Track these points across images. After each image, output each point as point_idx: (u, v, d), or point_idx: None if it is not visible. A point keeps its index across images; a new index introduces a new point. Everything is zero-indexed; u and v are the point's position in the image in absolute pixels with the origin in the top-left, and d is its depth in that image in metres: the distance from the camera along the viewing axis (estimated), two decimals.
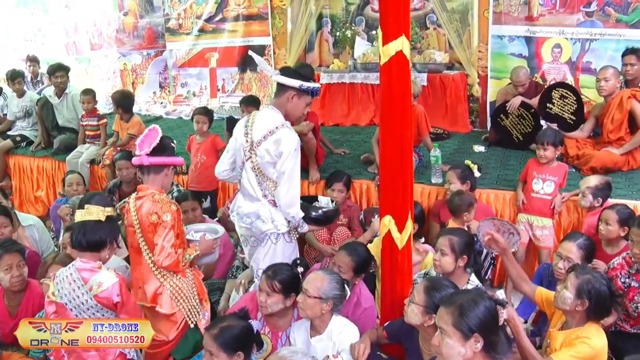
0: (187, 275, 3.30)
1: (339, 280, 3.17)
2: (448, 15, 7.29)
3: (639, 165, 5.29)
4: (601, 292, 2.81)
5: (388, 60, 2.74)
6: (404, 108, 2.79)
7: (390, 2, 2.71)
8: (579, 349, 2.79)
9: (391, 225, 2.96)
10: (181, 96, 8.92)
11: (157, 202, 3.13)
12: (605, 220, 3.83)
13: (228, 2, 8.26)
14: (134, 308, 3.09)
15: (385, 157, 2.91)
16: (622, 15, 6.56)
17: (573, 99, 5.70)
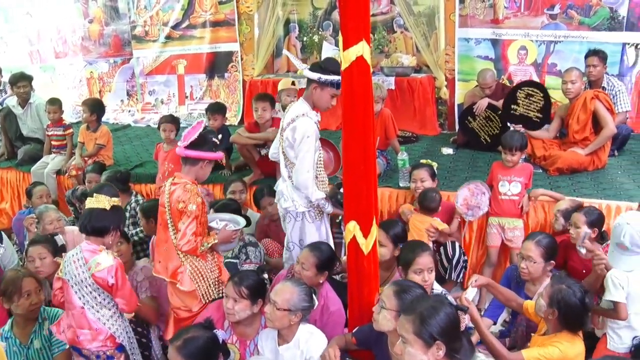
0: (208, 259, 3.54)
1: (308, 292, 3.15)
2: (415, 19, 7.37)
3: (604, 164, 5.39)
4: (571, 304, 2.83)
5: (349, 65, 2.73)
6: (366, 113, 2.79)
7: (350, 7, 2.69)
8: (548, 350, 2.84)
9: (356, 230, 2.95)
10: (149, 104, 8.83)
11: (187, 192, 3.36)
12: (575, 224, 3.87)
13: (194, 9, 8.21)
14: (130, 294, 3.29)
15: (349, 162, 2.90)
16: (584, 17, 6.69)
17: (540, 96, 5.74)
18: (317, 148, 3.84)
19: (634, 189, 4.86)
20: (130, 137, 7.88)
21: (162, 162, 5.61)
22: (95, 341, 3.24)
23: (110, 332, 3.26)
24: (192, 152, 3.41)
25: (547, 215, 4.67)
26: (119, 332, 3.30)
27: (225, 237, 3.61)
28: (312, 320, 3.35)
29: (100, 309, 3.24)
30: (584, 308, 2.84)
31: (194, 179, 3.47)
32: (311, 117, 3.79)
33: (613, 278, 3.00)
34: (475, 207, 4.60)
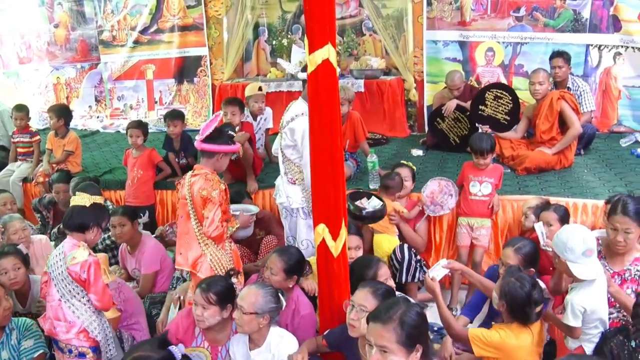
0: (226, 248, 3.67)
1: (274, 293, 3.15)
2: (383, 22, 7.42)
3: (571, 163, 5.48)
4: (515, 296, 2.87)
5: (315, 68, 2.74)
6: (333, 115, 2.80)
7: (315, 11, 2.70)
8: (489, 333, 2.91)
9: (325, 233, 2.96)
10: (118, 109, 8.73)
11: (208, 181, 3.52)
12: (547, 222, 3.94)
13: (162, 13, 8.15)
14: (103, 292, 3.28)
15: (316, 165, 2.91)
16: (549, 20, 6.83)
17: (508, 99, 5.82)
18: None
19: (599, 187, 4.95)
20: (99, 143, 7.79)
21: (131, 168, 5.56)
22: (69, 333, 3.28)
23: (83, 326, 3.28)
24: (207, 145, 3.57)
25: (515, 215, 4.74)
26: (92, 327, 3.31)
27: (244, 221, 3.99)
28: (284, 325, 3.36)
29: (75, 302, 3.29)
30: (530, 300, 2.86)
31: (213, 169, 3.64)
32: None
33: (573, 304, 2.96)
34: (439, 204, 4.65)
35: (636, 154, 5.89)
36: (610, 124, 6.79)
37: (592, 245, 2.97)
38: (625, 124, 6.74)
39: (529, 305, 2.87)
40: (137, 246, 4.58)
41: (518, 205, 4.73)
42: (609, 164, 5.65)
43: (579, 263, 2.94)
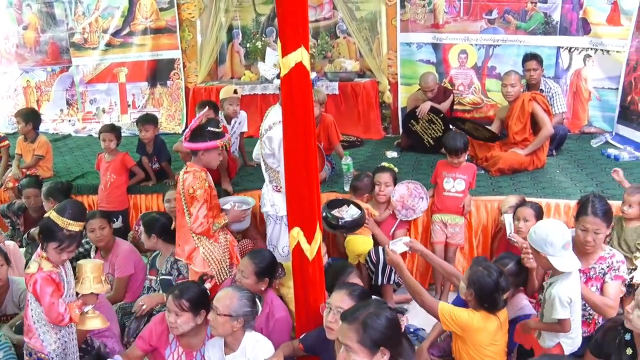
0: (220, 241, 3.84)
1: (250, 297, 3.14)
2: (357, 24, 7.45)
3: (543, 164, 5.56)
4: (484, 284, 2.95)
5: (288, 71, 2.74)
6: (307, 118, 2.80)
7: (288, 14, 2.70)
8: (458, 312, 2.98)
9: (300, 236, 2.95)
10: (90, 113, 8.62)
11: (196, 178, 3.69)
12: (524, 218, 4.00)
13: (135, 16, 8.07)
14: (49, 308, 3.04)
15: (290, 168, 2.90)
16: (520, 22, 6.93)
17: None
18: None
19: (571, 187, 5.03)
20: (71, 148, 7.69)
21: (104, 172, 5.48)
22: (26, 336, 3.20)
23: (37, 333, 3.14)
24: (189, 144, 3.76)
25: (489, 215, 4.79)
26: (44, 337, 3.14)
27: (235, 216, 4.00)
28: (258, 328, 3.35)
29: (34, 307, 3.15)
30: (497, 288, 2.95)
31: (203, 166, 3.79)
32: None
33: (560, 297, 2.99)
34: (410, 208, 4.67)
35: (606, 154, 6.01)
36: (581, 125, 6.91)
37: (569, 238, 3.06)
38: (595, 125, 6.86)
39: (497, 292, 2.96)
40: (111, 250, 4.52)
41: (492, 205, 4.79)
42: (580, 164, 5.75)
43: (559, 256, 3.00)
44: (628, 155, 5.89)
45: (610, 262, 3.34)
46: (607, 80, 6.73)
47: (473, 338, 2.96)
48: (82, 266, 3.20)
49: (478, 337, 2.95)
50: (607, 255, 3.38)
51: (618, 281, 3.32)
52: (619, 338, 2.75)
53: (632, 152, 5.98)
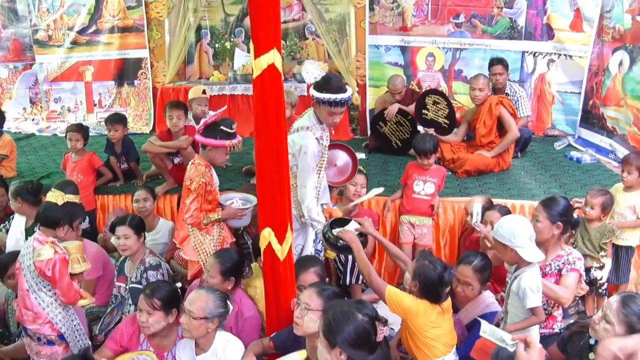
0: (212, 234, 3.96)
1: (222, 297, 3.16)
2: (326, 26, 7.49)
3: (509, 166, 5.71)
4: (428, 277, 3.02)
5: (260, 73, 2.76)
6: (279, 120, 2.83)
7: (260, 15, 2.73)
8: (403, 296, 3.04)
9: (271, 237, 2.98)
10: (55, 112, 8.47)
11: (196, 172, 3.82)
12: (491, 222, 4.10)
13: (102, 14, 7.97)
14: (67, 288, 3.29)
15: (262, 169, 2.93)
16: (487, 27, 7.07)
17: (444, 104, 6.02)
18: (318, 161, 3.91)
19: (535, 189, 5.17)
20: (35, 147, 7.55)
21: (70, 172, 5.41)
22: (34, 324, 3.32)
23: (48, 318, 3.31)
24: (200, 137, 3.87)
25: (456, 216, 4.89)
26: (57, 320, 3.33)
27: (230, 213, 4.02)
28: (228, 327, 3.37)
29: (41, 294, 3.31)
30: (441, 281, 3.02)
31: (208, 162, 3.91)
32: (314, 131, 3.84)
33: (530, 286, 3.12)
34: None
35: (569, 156, 6.18)
36: (545, 127, 7.10)
37: (532, 230, 3.20)
38: (558, 128, 7.05)
39: (440, 285, 3.02)
40: None
41: (459, 206, 4.89)
42: (544, 166, 5.90)
43: (526, 247, 3.13)
44: (589, 157, 6.08)
45: (566, 259, 3.47)
46: (570, 85, 6.93)
47: (414, 322, 3.02)
48: (67, 248, 3.42)
49: (418, 322, 3.01)
50: (564, 253, 3.50)
51: (574, 273, 3.42)
52: (584, 341, 2.83)
53: (593, 154, 6.17)
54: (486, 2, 6.98)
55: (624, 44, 6.13)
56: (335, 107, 3.77)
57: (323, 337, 2.48)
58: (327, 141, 4.02)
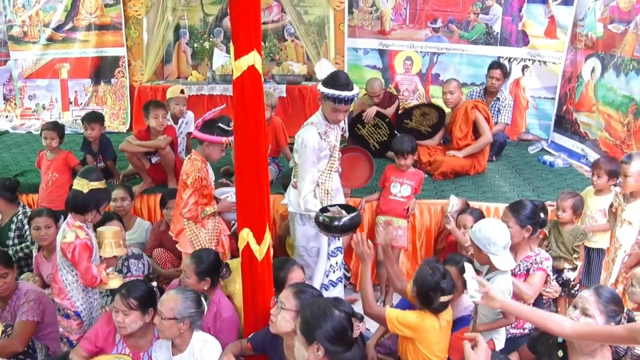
0: (207, 227, 4.01)
1: (194, 297, 3.15)
2: (305, 28, 7.52)
3: (484, 169, 5.80)
4: (425, 282, 3.05)
5: (240, 74, 2.76)
6: (258, 121, 2.83)
7: (241, 17, 2.73)
8: (405, 314, 3.08)
9: (249, 237, 2.98)
10: (30, 109, 8.36)
11: (193, 167, 3.88)
12: (464, 225, 4.19)
13: (79, 11, 7.88)
14: (85, 272, 3.48)
15: (241, 170, 2.93)
16: (463, 32, 7.17)
17: (435, 115, 6.08)
18: (320, 157, 3.98)
19: (510, 192, 5.25)
20: (9, 145, 7.44)
21: (45, 170, 5.34)
22: (58, 297, 3.59)
23: (69, 296, 3.56)
24: (197, 133, 3.95)
25: (432, 218, 4.94)
26: (76, 298, 3.59)
27: (225, 206, 4.06)
28: (206, 328, 3.36)
29: (65, 273, 3.57)
30: (436, 287, 3.03)
31: (204, 157, 3.96)
32: (318, 127, 3.90)
33: (501, 289, 3.16)
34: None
35: (542, 160, 6.29)
36: (520, 132, 7.21)
37: (509, 239, 3.26)
38: (532, 132, 7.17)
39: (433, 291, 3.03)
40: (54, 251, 4.42)
41: (435, 208, 4.95)
42: (518, 170, 6.00)
43: (500, 255, 3.20)
44: (562, 161, 6.19)
45: (534, 259, 3.55)
46: (544, 90, 7.06)
47: (424, 337, 3.03)
48: (103, 233, 3.68)
49: (428, 336, 3.03)
50: (533, 254, 3.58)
51: (540, 272, 3.50)
52: (552, 340, 2.88)
53: (565, 159, 6.30)
54: (463, 8, 7.08)
55: (596, 52, 6.27)
56: (339, 104, 3.82)
57: (301, 334, 2.51)
58: (336, 140, 4.08)
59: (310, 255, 4.16)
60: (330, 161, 4.06)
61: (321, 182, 4.06)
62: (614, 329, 2.39)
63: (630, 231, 4.07)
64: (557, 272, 4.18)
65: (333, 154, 4.06)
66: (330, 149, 4.04)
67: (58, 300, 3.60)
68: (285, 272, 3.41)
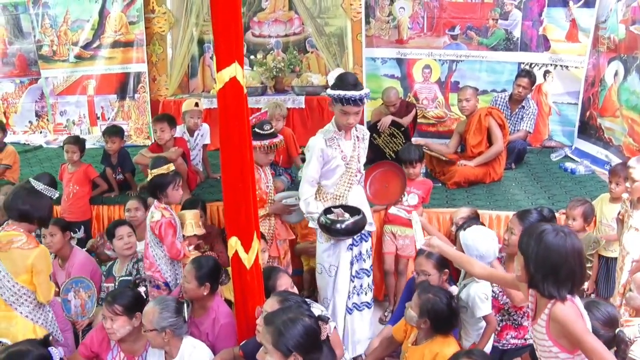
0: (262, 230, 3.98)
1: (173, 307, 3.23)
2: (327, 39, 7.62)
3: (500, 177, 5.73)
4: (439, 311, 3.05)
5: (223, 86, 2.86)
6: (241, 132, 2.92)
7: (222, 29, 2.83)
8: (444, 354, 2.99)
9: (238, 246, 3.07)
10: (61, 124, 8.66)
11: None
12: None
13: (105, 29, 8.14)
14: (170, 246, 3.98)
15: (227, 179, 3.02)
16: (482, 38, 7.12)
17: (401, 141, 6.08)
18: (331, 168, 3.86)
19: (523, 200, 5.19)
20: (41, 159, 7.74)
21: (66, 183, 5.55)
22: (149, 270, 4.06)
23: (159, 268, 4.02)
24: None
25: (442, 227, 4.92)
26: (164, 270, 4.05)
27: (277, 208, 4.27)
28: (205, 334, 3.44)
29: (155, 248, 4.04)
30: (452, 312, 3.07)
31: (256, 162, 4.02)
32: (325, 134, 3.85)
33: (479, 295, 3.19)
34: None
35: (564, 167, 6.18)
36: (542, 138, 7.11)
37: (496, 255, 3.28)
38: (555, 139, 7.06)
39: (452, 316, 3.07)
40: (68, 259, 4.59)
41: (444, 217, 4.93)
42: (537, 177, 5.92)
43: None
44: (584, 168, 6.06)
45: None
46: (567, 96, 6.94)
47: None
48: (184, 214, 4.31)
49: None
50: None
51: None
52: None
53: (588, 165, 6.15)
54: (481, 14, 7.03)
55: (619, 54, 6.14)
56: (347, 104, 3.65)
57: (274, 349, 2.49)
58: (354, 152, 3.91)
59: (329, 275, 3.96)
60: (347, 173, 3.90)
61: (339, 196, 3.90)
62: (507, 276, 2.86)
63: (638, 238, 3.95)
64: None
65: (350, 165, 3.89)
66: (344, 159, 3.87)
67: (149, 273, 4.05)
68: (273, 280, 3.45)
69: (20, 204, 3.56)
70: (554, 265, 2.27)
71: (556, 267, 2.27)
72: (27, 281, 3.50)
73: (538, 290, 2.35)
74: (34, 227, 3.68)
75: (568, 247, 2.27)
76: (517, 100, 6.27)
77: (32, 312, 3.58)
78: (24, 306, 3.54)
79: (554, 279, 2.27)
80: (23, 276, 3.48)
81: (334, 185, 3.91)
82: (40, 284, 3.51)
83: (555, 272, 2.27)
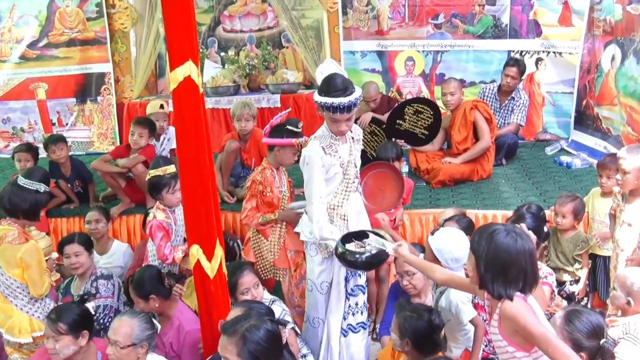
0: (270, 238, 4.44)
1: (147, 318, 3.30)
2: (303, 33, 7.66)
3: (489, 174, 5.86)
4: (418, 328, 3.10)
5: (177, 85, 2.97)
6: (198, 133, 3.02)
7: (174, 25, 2.94)
8: None
9: (199, 254, 3.15)
10: (7, 133, 8.41)
11: (256, 172, 4.44)
12: None
13: (54, 26, 7.98)
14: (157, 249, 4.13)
15: (185, 184, 3.12)
16: (469, 26, 7.25)
17: (429, 113, 6.05)
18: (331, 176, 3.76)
19: (512, 197, 5.33)
20: None
21: None
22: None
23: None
24: (267, 139, 4.35)
25: (424, 228, 5.05)
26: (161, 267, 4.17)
27: (286, 215, 4.39)
28: (169, 344, 3.53)
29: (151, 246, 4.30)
30: (432, 328, 3.11)
31: (276, 164, 4.42)
32: (321, 141, 3.72)
33: (460, 299, 3.29)
34: None
35: (559, 162, 6.31)
36: (536, 131, 7.25)
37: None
38: (550, 132, 7.21)
39: (434, 332, 3.12)
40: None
41: (427, 218, 5.06)
42: (529, 173, 6.07)
43: (459, 271, 3.29)
44: (581, 162, 6.19)
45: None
46: (561, 84, 7.09)
47: None
48: None
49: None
50: None
51: (545, 287, 3.58)
52: None
53: (585, 158, 6.26)
54: (467, 1, 7.18)
55: (616, 37, 6.22)
56: (335, 112, 3.58)
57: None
58: (351, 155, 3.84)
59: (320, 292, 3.90)
60: (345, 180, 3.82)
61: (336, 206, 3.82)
62: (464, 280, 2.91)
63: (631, 233, 4.04)
64: (558, 286, 4.13)
65: (347, 171, 3.81)
66: (342, 165, 3.78)
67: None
68: (236, 277, 3.52)
69: (5, 200, 3.99)
70: (504, 266, 2.44)
71: (505, 268, 2.44)
72: (19, 275, 3.88)
73: (488, 291, 2.52)
74: (28, 223, 4.12)
75: (519, 247, 2.44)
76: (506, 92, 6.41)
77: (27, 305, 3.93)
78: (19, 299, 3.91)
79: (504, 279, 2.44)
80: (15, 270, 3.87)
81: (331, 194, 3.81)
82: (31, 278, 3.87)
83: (505, 272, 2.44)
